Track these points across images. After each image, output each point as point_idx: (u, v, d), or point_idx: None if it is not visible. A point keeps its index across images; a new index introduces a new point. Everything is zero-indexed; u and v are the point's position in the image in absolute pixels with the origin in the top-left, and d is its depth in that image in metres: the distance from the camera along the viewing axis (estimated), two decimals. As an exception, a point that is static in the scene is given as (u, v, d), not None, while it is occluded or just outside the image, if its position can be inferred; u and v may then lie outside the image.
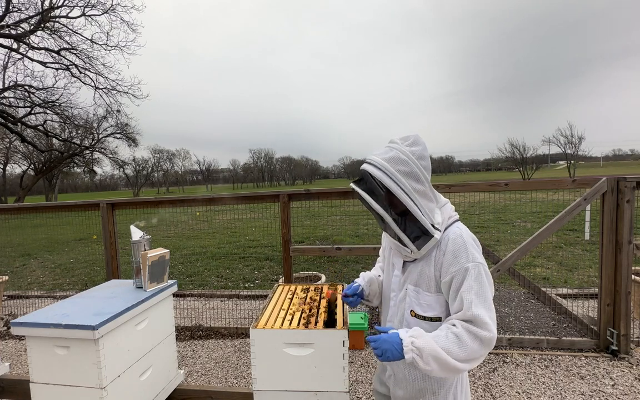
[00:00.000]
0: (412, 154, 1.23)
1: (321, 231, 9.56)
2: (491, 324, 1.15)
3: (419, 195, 1.22)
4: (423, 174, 1.23)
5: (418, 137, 1.28)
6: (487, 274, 1.21)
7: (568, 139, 51.78)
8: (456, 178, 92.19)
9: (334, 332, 1.48)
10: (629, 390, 2.68)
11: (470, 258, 1.20)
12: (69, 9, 18.24)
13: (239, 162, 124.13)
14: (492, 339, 1.15)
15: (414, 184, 1.22)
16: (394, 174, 1.20)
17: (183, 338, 3.92)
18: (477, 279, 1.18)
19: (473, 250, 1.21)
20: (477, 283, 1.18)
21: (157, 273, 2.16)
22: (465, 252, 1.20)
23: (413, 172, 1.21)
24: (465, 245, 1.21)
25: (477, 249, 1.23)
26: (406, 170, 1.21)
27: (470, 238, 1.25)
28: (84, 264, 7.74)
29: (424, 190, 1.23)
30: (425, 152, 1.27)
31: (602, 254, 3.14)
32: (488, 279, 1.21)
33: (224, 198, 3.82)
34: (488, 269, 1.22)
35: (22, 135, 21.06)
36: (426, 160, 1.26)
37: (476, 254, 1.21)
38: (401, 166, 1.21)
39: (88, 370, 1.70)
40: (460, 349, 1.14)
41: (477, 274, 1.18)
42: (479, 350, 1.15)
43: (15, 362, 3.63)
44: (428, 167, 1.26)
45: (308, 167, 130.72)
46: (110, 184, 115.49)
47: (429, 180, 1.26)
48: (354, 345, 3.47)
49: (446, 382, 1.35)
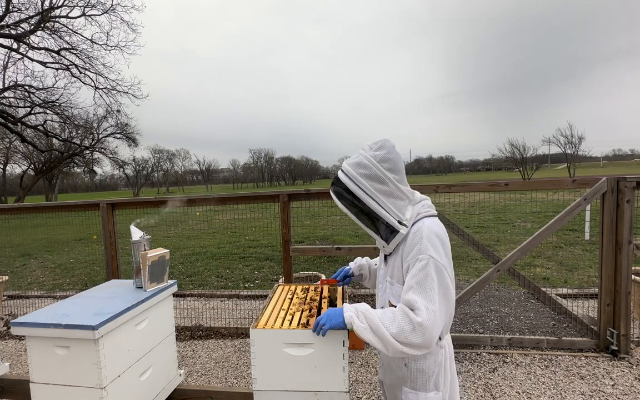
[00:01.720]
0: (374, 158, 1.34)
1: (321, 231, 9.56)
2: (424, 311, 1.21)
3: (382, 195, 1.33)
4: (386, 176, 1.33)
5: (385, 142, 1.38)
6: (437, 268, 1.25)
7: (568, 139, 51.80)
8: (456, 178, 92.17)
9: (334, 332, 1.48)
10: (629, 390, 2.68)
11: (422, 250, 1.27)
12: (69, 9, 18.26)
13: (239, 162, 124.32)
14: (421, 324, 1.20)
15: (376, 185, 1.33)
16: (356, 177, 1.33)
17: (183, 338, 3.92)
18: (424, 269, 1.25)
19: (428, 244, 1.28)
20: (422, 273, 1.25)
21: (157, 273, 2.16)
22: (419, 244, 1.28)
23: (374, 174, 1.33)
24: (422, 238, 1.29)
25: (434, 244, 1.28)
26: (367, 173, 1.33)
27: (432, 233, 1.30)
28: (84, 264, 7.74)
29: (388, 190, 1.34)
30: (391, 155, 1.35)
31: (602, 254, 3.14)
32: (438, 273, 1.25)
33: (223, 198, 3.82)
34: (444, 265, 1.26)
35: (22, 135, 21.07)
36: (390, 163, 1.35)
37: (430, 247, 1.27)
38: (363, 170, 1.34)
39: (88, 370, 1.69)
40: (391, 323, 1.24)
41: (425, 265, 1.25)
42: (410, 333, 1.21)
43: (15, 362, 3.63)
44: (394, 168, 1.35)
45: (308, 167, 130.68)
46: (110, 184, 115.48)
47: (394, 181, 1.34)
48: (354, 345, 3.47)
49: (425, 371, 1.39)
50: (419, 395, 1.39)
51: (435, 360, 1.39)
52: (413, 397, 1.41)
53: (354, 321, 1.30)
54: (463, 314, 4.04)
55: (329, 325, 1.38)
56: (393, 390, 1.53)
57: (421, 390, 1.40)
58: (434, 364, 1.39)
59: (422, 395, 1.39)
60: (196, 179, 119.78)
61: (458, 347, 3.38)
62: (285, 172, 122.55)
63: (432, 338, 1.22)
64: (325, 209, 5.06)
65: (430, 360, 1.39)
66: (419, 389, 1.40)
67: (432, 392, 1.39)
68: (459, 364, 3.13)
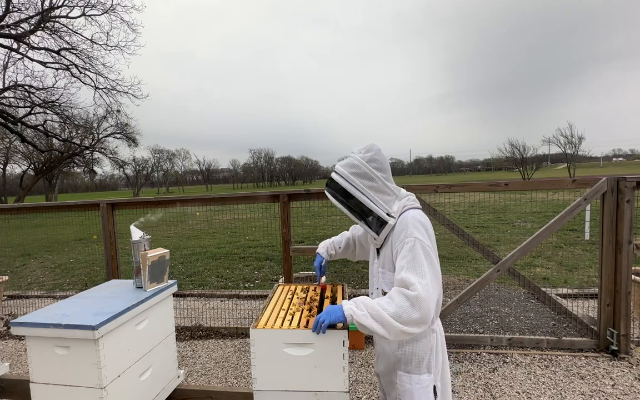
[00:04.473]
0: (363, 159, 1.49)
1: (321, 231, 9.55)
2: (418, 285, 1.29)
3: (371, 191, 1.47)
4: (374, 173, 1.48)
5: (372, 146, 1.54)
6: (423, 248, 1.36)
7: (568, 139, 51.76)
8: (456, 178, 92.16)
9: (334, 332, 1.48)
10: (629, 390, 2.68)
11: (408, 234, 1.39)
12: (69, 9, 18.25)
13: (239, 162, 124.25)
14: (418, 297, 1.27)
15: (366, 182, 1.47)
16: (347, 175, 1.48)
17: (183, 338, 3.92)
18: (411, 250, 1.36)
19: (412, 228, 1.40)
20: (410, 254, 1.36)
21: (157, 273, 2.16)
22: (405, 230, 1.41)
23: (363, 172, 1.48)
24: (407, 225, 1.41)
25: (418, 228, 1.40)
26: (357, 172, 1.48)
27: (415, 220, 1.42)
28: (84, 264, 7.74)
29: (377, 186, 1.48)
30: (378, 156, 1.51)
31: (602, 254, 3.14)
32: (424, 251, 1.36)
33: (223, 198, 3.82)
34: (428, 244, 1.38)
35: (22, 135, 21.06)
36: (377, 162, 1.50)
37: (415, 231, 1.39)
38: (353, 169, 1.49)
39: (88, 370, 1.70)
40: (389, 304, 1.31)
41: (412, 247, 1.36)
42: (408, 309, 1.28)
43: (15, 362, 3.63)
44: (381, 167, 1.50)
45: (308, 167, 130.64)
46: (110, 184, 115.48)
47: (382, 178, 1.49)
48: (354, 345, 3.47)
49: (418, 354, 1.47)
50: (412, 377, 1.47)
51: (427, 343, 1.47)
52: (407, 380, 1.48)
53: (354, 311, 1.34)
54: (463, 314, 4.04)
55: (329, 320, 1.42)
56: (388, 376, 1.58)
57: (414, 373, 1.48)
58: (426, 347, 1.47)
59: (416, 378, 1.47)
60: (196, 179, 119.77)
61: (458, 347, 3.38)
62: (285, 172, 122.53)
63: (429, 311, 1.29)
64: (325, 209, 5.06)
65: (422, 343, 1.47)
66: (412, 372, 1.48)
67: (424, 375, 1.47)
68: (459, 364, 3.13)
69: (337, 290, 1.97)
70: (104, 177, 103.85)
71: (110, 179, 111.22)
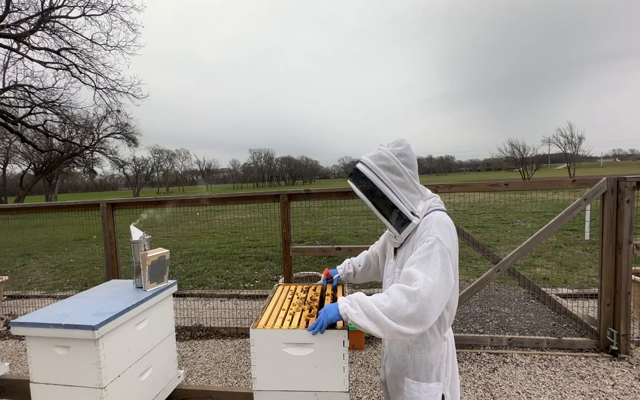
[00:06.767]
0: (393, 152, 1.42)
1: (321, 231, 9.56)
2: (421, 281, 1.23)
3: (398, 186, 1.40)
4: (402, 169, 1.40)
5: (403, 140, 1.47)
6: (442, 251, 1.29)
7: (568, 139, 51.78)
8: (456, 178, 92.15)
9: (334, 332, 1.48)
10: (629, 390, 2.68)
11: (430, 233, 1.33)
12: (69, 9, 18.25)
13: (239, 162, 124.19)
14: (417, 292, 1.21)
15: (393, 177, 1.40)
16: (375, 168, 1.41)
17: (183, 338, 3.92)
18: (429, 249, 1.29)
19: (436, 228, 1.33)
20: (427, 251, 1.29)
21: (157, 273, 2.16)
22: (428, 230, 1.34)
23: (392, 166, 1.40)
24: (431, 225, 1.35)
25: (442, 230, 1.33)
26: (386, 165, 1.40)
27: (441, 221, 1.36)
28: (84, 264, 7.74)
29: (404, 182, 1.41)
30: (407, 152, 1.44)
31: (602, 254, 3.14)
32: (442, 253, 1.28)
33: (224, 198, 3.82)
34: (449, 250, 1.30)
35: (22, 135, 21.05)
36: (407, 158, 1.43)
37: (437, 231, 1.32)
38: (382, 161, 1.41)
39: (88, 370, 1.69)
40: (385, 301, 1.25)
41: (430, 245, 1.30)
42: (405, 305, 1.22)
43: (15, 362, 3.63)
44: (410, 163, 1.43)
45: (308, 167, 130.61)
46: (110, 184, 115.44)
47: (410, 175, 1.42)
48: (354, 345, 3.47)
49: (428, 361, 1.43)
50: (421, 385, 1.43)
51: (438, 351, 1.43)
52: (415, 388, 1.43)
53: (348, 310, 1.31)
54: (463, 314, 4.04)
55: (326, 319, 1.40)
56: (395, 381, 1.54)
57: (423, 381, 1.43)
58: (437, 356, 1.43)
59: (424, 386, 1.42)
60: (196, 179, 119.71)
61: (458, 347, 3.38)
62: (285, 172, 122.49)
63: (427, 311, 1.21)
64: (325, 209, 5.06)
65: (433, 352, 1.43)
66: (420, 380, 1.43)
67: (433, 383, 1.42)
68: (459, 364, 3.13)
69: (337, 289, 1.97)
70: (104, 177, 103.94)
71: (110, 179, 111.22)
